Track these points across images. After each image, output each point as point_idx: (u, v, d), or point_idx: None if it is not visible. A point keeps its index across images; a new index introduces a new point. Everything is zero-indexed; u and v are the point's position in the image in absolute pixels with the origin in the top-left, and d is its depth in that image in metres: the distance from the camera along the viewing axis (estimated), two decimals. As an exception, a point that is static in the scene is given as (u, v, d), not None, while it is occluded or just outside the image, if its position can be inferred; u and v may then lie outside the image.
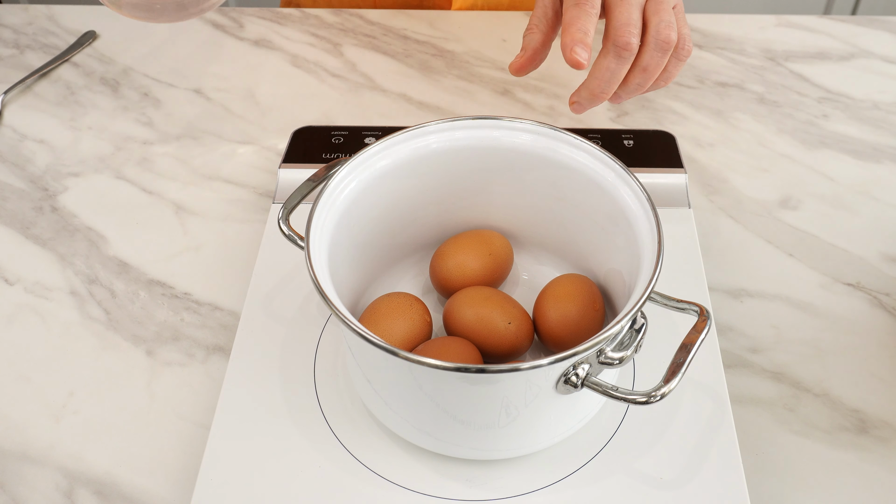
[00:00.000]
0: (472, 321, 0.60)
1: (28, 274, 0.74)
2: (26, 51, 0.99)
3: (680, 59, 0.61)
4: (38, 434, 0.63)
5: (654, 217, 0.56)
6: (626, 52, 0.57)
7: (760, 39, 1.00)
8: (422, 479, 0.57)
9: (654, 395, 0.50)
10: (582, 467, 0.58)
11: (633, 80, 0.60)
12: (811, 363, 0.67)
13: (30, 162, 0.85)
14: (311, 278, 0.52)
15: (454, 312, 0.61)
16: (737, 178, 0.83)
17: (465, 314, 0.60)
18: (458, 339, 0.60)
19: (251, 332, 0.66)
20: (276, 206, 0.76)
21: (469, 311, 0.60)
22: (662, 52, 0.59)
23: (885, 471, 0.60)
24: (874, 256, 0.75)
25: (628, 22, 0.58)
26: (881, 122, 0.89)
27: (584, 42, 0.56)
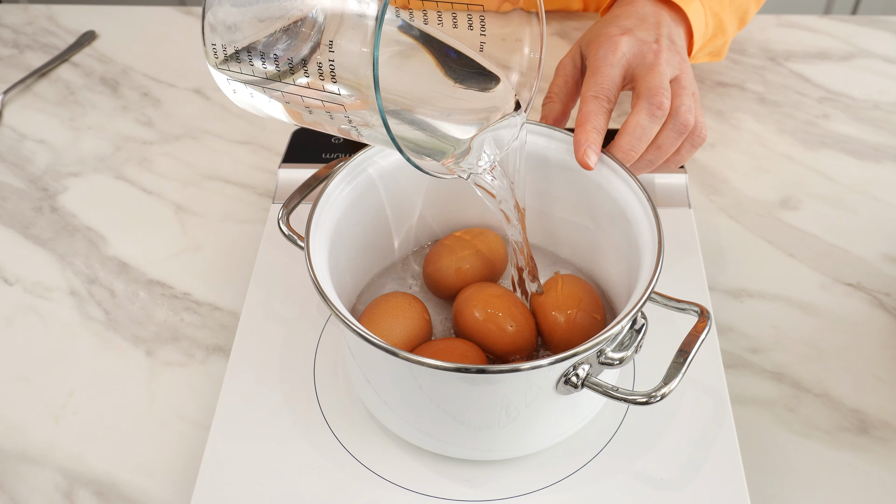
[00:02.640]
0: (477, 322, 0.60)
1: (28, 274, 0.74)
2: (26, 51, 0.99)
3: (694, 144, 0.62)
4: (38, 434, 0.63)
5: (654, 217, 0.56)
6: (659, 111, 0.59)
7: (760, 39, 1.00)
8: (422, 480, 0.57)
9: (655, 395, 0.50)
10: (582, 468, 0.58)
11: (645, 155, 0.61)
12: (811, 363, 0.67)
13: (29, 162, 0.85)
14: (311, 278, 0.52)
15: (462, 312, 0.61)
16: (737, 178, 0.83)
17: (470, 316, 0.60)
18: (460, 341, 0.59)
19: (251, 333, 0.66)
20: (276, 206, 0.76)
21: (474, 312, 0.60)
22: (678, 134, 0.60)
23: (885, 471, 0.60)
24: (874, 256, 0.75)
25: (661, 85, 0.60)
26: (881, 122, 0.89)
27: (597, 144, 0.59)
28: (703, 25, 0.71)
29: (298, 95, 0.51)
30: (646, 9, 0.67)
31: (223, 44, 0.52)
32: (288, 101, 0.52)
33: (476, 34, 0.58)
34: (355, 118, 0.50)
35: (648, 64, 0.61)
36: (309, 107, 0.51)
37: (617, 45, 0.62)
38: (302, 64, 0.49)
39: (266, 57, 0.51)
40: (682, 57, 0.64)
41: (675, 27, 0.67)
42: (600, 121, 0.59)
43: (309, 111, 0.52)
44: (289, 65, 0.50)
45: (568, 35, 0.99)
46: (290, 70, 0.50)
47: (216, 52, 0.53)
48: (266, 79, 0.52)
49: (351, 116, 0.50)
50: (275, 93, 0.52)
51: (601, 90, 0.60)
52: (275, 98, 0.53)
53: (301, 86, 0.50)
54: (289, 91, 0.51)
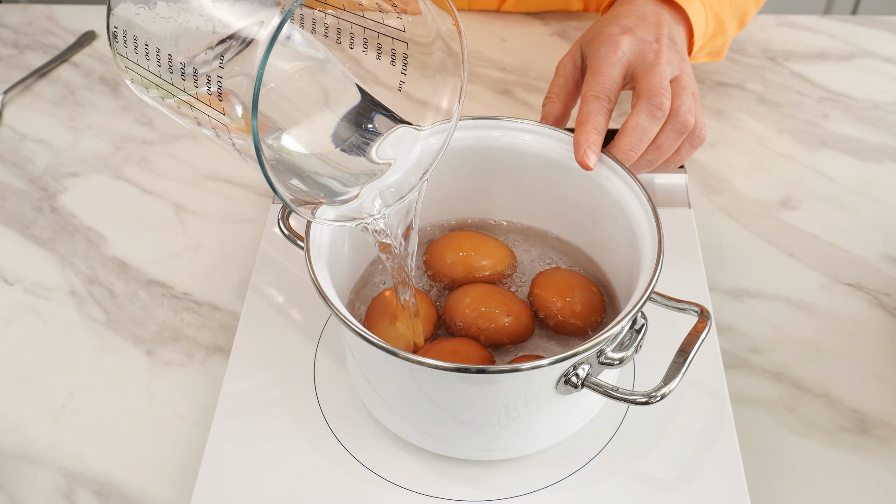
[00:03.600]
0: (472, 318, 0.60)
1: (28, 274, 0.74)
2: (26, 51, 0.99)
3: (693, 144, 0.62)
4: (38, 434, 0.63)
5: (654, 217, 0.56)
6: (659, 112, 0.59)
7: (760, 39, 1.00)
8: (422, 480, 0.57)
9: (655, 395, 0.50)
10: (582, 468, 0.57)
11: (645, 155, 0.61)
12: (811, 363, 0.67)
13: (29, 162, 0.85)
14: (311, 278, 0.52)
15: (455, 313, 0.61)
16: (737, 178, 0.83)
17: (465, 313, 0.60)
18: (463, 340, 0.59)
19: (251, 332, 0.66)
20: (276, 206, 0.76)
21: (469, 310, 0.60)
22: (678, 135, 0.60)
23: (886, 471, 0.60)
24: (874, 256, 0.75)
25: (662, 86, 0.60)
26: (881, 122, 0.89)
27: (596, 144, 0.59)
28: (704, 25, 0.71)
29: (186, 104, 0.49)
30: (646, 8, 0.67)
31: (124, 30, 0.50)
32: (178, 106, 0.50)
33: (397, 70, 0.56)
34: (239, 142, 0.47)
35: (649, 63, 0.61)
36: (196, 119, 0.49)
37: (618, 44, 0.62)
38: (192, 74, 0.47)
39: (156, 54, 0.49)
40: (682, 56, 0.64)
41: (676, 26, 0.67)
42: (600, 121, 0.59)
43: (196, 122, 0.50)
44: (181, 70, 0.48)
45: (568, 35, 0.99)
46: (182, 76, 0.48)
47: (116, 36, 0.51)
48: (151, 73, 0.50)
49: (234, 140, 0.48)
50: (162, 92, 0.51)
51: (602, 90, 0.60)
52: (160, 98, 0.51)
53: (189, 95, 0.48)
54: (177, 97, 0.49)
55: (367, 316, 0.61)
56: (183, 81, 0.48)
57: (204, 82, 0.47)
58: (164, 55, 0.48)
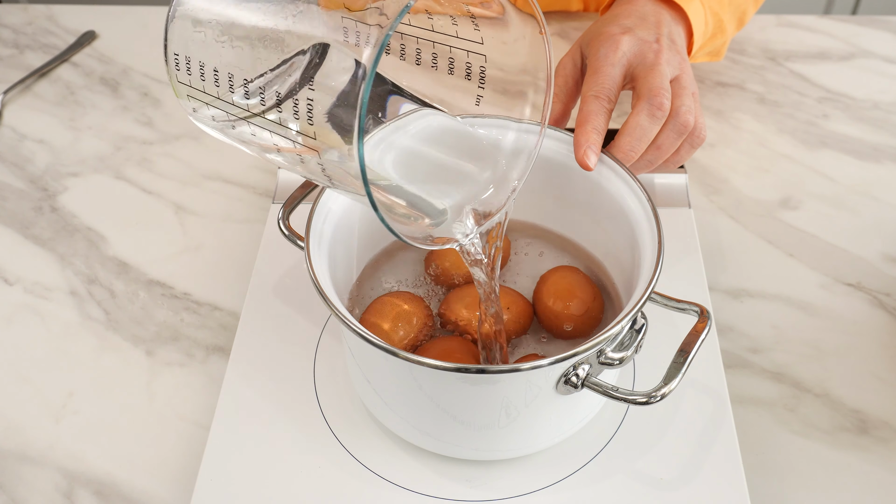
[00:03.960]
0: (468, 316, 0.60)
1: (28, 274, 0.74)
2: (26, 51, 0.99)
3: (693, 145, 0.62)
4: (38, 434, 0.63)
5: (654, 217, 0.56)
6: (659, 112, 0.59)
7: (760, 39, 1.00)
8: (422, 480, 0.57)
9: (655, 395, 0.50)
10: (582, 468, 0.57)
11: (645, 155, 0.61)
12: (811, 363, 0.67)
13: (29, 162, 0.85)
14: (311, 278, 0.52)
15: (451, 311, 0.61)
16: (737, 178, 0.83)
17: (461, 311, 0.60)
18: (460, 340, 0.59)
19: (251, 332, 0.66)
20: (276, 206, 0.76)
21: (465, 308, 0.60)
22: (678, 135, 0.60)
23: (886, 471, 0.60)
24: (874, 256, 0.75)
25: (662, 86, 0.60)
26: (881, 122, 0.89)
27: (596, 144, 0.58)
28: (703, 25, 0.71)
29: (267, 131, 0.47)
30: (646, 8, 0.67)
31: (186, 55, 0.48)
32: (253, 133, 0.48)
33: (475, 84, 0.55)
34: (334, 170, 0.45)
35: (649, 64, 0.61)
36: (277, 146, 0.47)
37: (617, 44, 0.62)
38: (276, 99, 0.45)
39: (228, 79, 0.46)
40: (682, 56, 0.64)
41: (675, 26, 0.67)
42: (600, 121, 0.59)
43: (277, 150, 0.48)
44: (260, 96, 0.46)
45: (568, 35, 0.99)
46: (262, 102, 0.46)
47: (177, 63, 0.48)
48: (231, 104, 0.47)
49: (325, 165, 0.46)
50: (239, 123, 0.48)
51: (602, 90, 0.60)
52: (236, 129, 0.49)
53: (271, 121, 0.46)
54: (256, 123, 0.47)
55: (367, 315, 0.61)
56: (262, 107, 0.46)
57: (290, 108, 0.45)
58: (239, 79, 0.46)
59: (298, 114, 0.45)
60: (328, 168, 0.45)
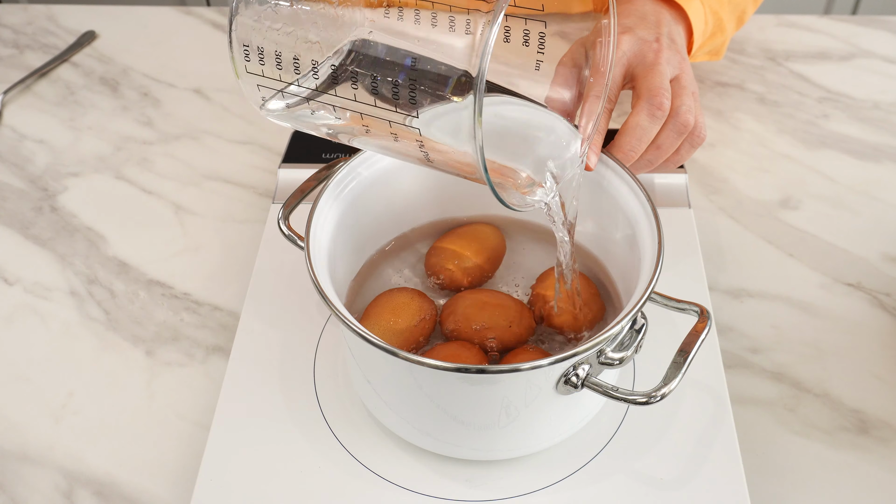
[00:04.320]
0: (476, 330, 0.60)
1: (28, 274, 0.74)
2: (26, 51, 0.99)
3: (693, 144, 0.62)
4: (38, 434, 0.63)
5: (654, 217, 0.56)
6: (659, 112, 0.59)
7: (760, 39, 1.00)
8: (422, 480, 0.57)
9: (655, 395, 0.50)
10: (582, 468, 0.57)
11: (645, 155, 0.61)
12: (811, 363, 0.67)
13: (29, 162, 0.85)
14: (311, 278, 0.52)
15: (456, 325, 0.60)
16: (737, 178, 0.83)
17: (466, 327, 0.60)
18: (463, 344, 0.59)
19: (251, 332, 0.66)
20: (276, 206, 0.76)
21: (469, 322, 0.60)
22: (678, 134, 0.60)
23: (885, 471, 0.60)
24: (874, 256, 0.75)
25: (662, 86, 0.60)
26: (881, 122, 0.89)
27: (597, 145, 0.59)
28: (703, 24, 0.71)
29: (358, 113, 0.46)
30: (646, 7, 0.67)
31: (258, 44, 0.46)
32: (338, 117, 0.47)
33: (533, 50, 0.55)
34: (431, 144, 0.45)
35: (649, 63, 0.61)
36: (367, 127, 0.47)
37: (617, 43, 0.62)
38: (371, 80, 0.45)
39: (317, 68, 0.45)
40: (682, 56, 0.64)
41: (675, 25, 0.67)
42: (601, 121, 0.59)
43: (366, 130, 0.47)
44: (352, 79, 0.45)
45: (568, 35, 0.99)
46: (353, 85, 0.45)
47: (247, 53, 0.47)
48: (316, 90, 0.46)
49: (424, 142, 0.45)
50: (324, 105, 0.47)
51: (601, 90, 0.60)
52: (316, 114, 0.48)
53: (364, 102, 0.45)
54: (343, 106, 0.46)
55: (367, 314, 0.61)
56: (353, 89, 0.45)
57: (389, 87, 0.44)
58: (323, 62, 0.46)
59: (399, 95, 0.44)
60: (428, 144, 0.45)
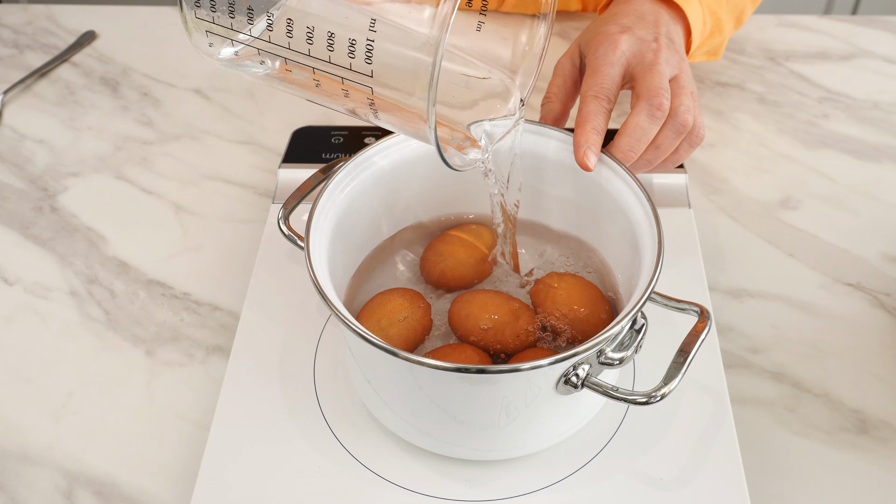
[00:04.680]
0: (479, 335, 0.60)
1: (28, 274, 0.74)
2: (26, 51, 0.99)
3: (692, 144, 0.62)
4: (38, 434, 0.63)
5: (654, 217, 0.56)
6: (658, 112, 0.59)
7: (760, 39, 1.00)
8: (422, 480, 0.57)
9: (655, 395, 0.50)
10: (582, 468, 0.57)
11: (644, 155, 0.61)
12: (811, 363, 0.67)
13: (29, 162, 0.85)
14: (311, 278, 0.52)
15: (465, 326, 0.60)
16: (737, 178, 0.83)
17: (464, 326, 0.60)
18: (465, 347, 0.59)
19: (251, 332, 0.66)
20: (276, 206, 0.76)
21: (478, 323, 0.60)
22: (677, 134, 0.60)
23: (885, 471, 0.60)
24: (874, 256, 0.75)
25: (661, 86, 0.60)
26: (881, 122, 0.89)
27: (596, 145, 0.59)
28: (702, 24, 0.71)
29: (309, 66, 0.47)
30: (644, 7, 0.67)
31: None
32: (289, 69, 0.48)
33: (476, 11, 0.56)
34: (381, 102, 0.47)
35: (648, 63, 0.61)
36: (318, 81, 0.48)
37: (616, 43, 0.62)
38: (327, 34, 0.45)
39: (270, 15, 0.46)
40: (680, 56, 0.64)
41: (674, 25, 0.67)
42: (600, 121, 0.59)
43: (316, 83, 0.48)
44: (307, 31, 0.45)
45: (567, 35, 0.99)
46: (309, 38, 0.46)
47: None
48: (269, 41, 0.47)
49: (376, 99, 0.47)
50: (274, 56, 0.48)
51: (601, 90, 0.60)
52: (271, 60, 0.49)
53: (318, 58, 0.46)
54: (295, 59, 0.47)
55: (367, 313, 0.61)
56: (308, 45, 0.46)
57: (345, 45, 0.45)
58: (279, 12, 0.46)
59: (355, 52, 0.45)
60: (379, 102, 0.46)
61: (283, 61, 0.48)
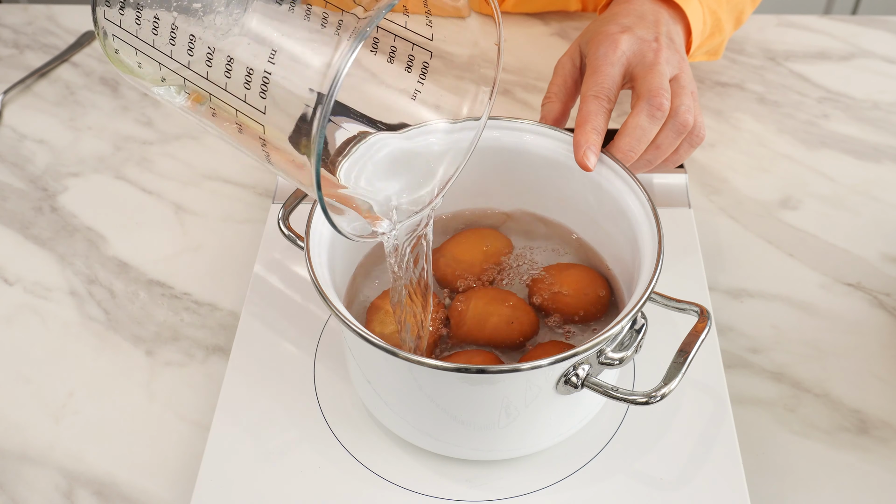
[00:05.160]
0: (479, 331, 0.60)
1: (28, 274, 0.74)
2: (26, 51, 0.99)
3: (692, 144, 0.62)
4: (38, 434, 0.63)
5: (654, 217, 0.56)
6: (659, 112, 0.59)
7: (760, 39, 1.00)
8: (422, 480, 0.57)
9: (655, 395, 0.50)
10: (582, 468, 0.58)
11: (644, 155, 0.61)
12: (811, 363, 0.67)
13: (29, 162, 0.85)
14: (311, 278, 0.52)
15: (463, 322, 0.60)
16: (737, 178, 0.83)
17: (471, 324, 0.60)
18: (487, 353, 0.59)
19: (251, 332, 0.66)
20: (276, 206, 0.76)
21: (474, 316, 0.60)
22: (677, 134, 0.60)
23: (885, 471, 0.60)
24: (874, 256, 0.75)
25: (661, 86, 0.60)
26: (881, 122, 0.89)
27: (596, 145, 0.59)
28: (702, 24, 0.71)
29: (205, 91, 0.45)
30: (644, 6, 0.67)
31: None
32: (187, 91, 0.46)
33: (414, 77, 0.54)
34: (274, 145, 0.44)
35: (648, 63, 0.61)
36: (214, 109, 0.45)
37: (617, 43, 0.62)
38: (226, 59, 0.43)
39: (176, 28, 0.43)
40: (681, 56, 0.64)
41: (674, 25, 0.67)
42: (600, 121, 0.59)
43: (213, 113, 0.46)
44: (207, 51, 0.43)
45: (567, 35, 0.99)
46: (208, 57, 0.43)
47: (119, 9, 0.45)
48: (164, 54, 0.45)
49: (268, 142, 0.44)
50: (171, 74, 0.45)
51: (601, 90, 0.60)
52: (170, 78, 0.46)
53: (213, 82, 0.44)
54: (194, 82, 0.45)
55: (367, 315, 0.61)
56: (207, 67, 0.44)
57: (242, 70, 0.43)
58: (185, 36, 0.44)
59: (251, 84, 0.43)
60: (270, 144, 0.44)
61: (182, 80, 0.46)
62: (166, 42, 0.45)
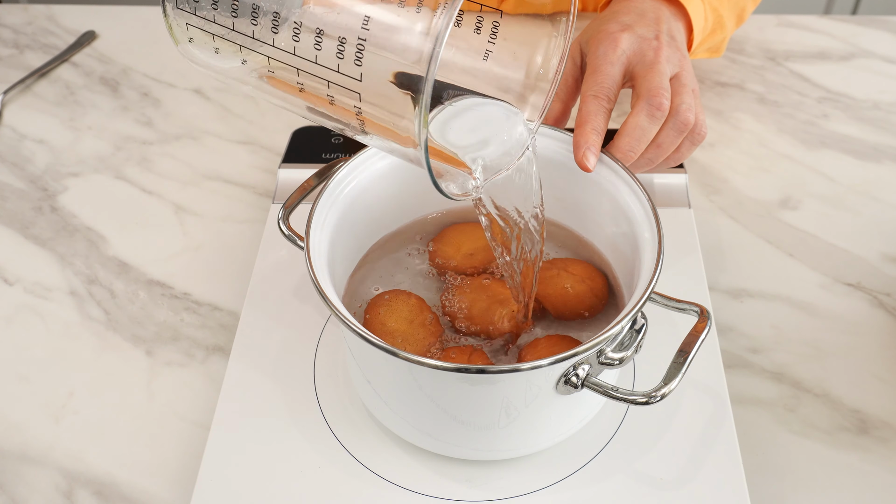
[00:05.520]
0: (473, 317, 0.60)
1: (28, 274, 0.74)
2: (26, 51, 0.99)
3: (693, 142, 0.62)
4: (38, 434, 0.63)
5: (654, 217, 0.56)
6: (658, 112, 0.59)
7: (760, 39, 1.00)
8: (422, 480, 0.57)
9: (655, 395, 0.50)
10: (582, 468, 0.58)
11: (645, 154, 0.61)
12: (811, 363, 0.67)
13: (29, 162, 0.85)
14: (311, 278, 0.52)
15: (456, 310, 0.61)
16: (737, 178, 0.83)
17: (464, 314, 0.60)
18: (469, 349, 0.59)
19: (251, 332, 0.66)
20: (276, 206, 0.76)
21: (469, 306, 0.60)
22: (678, 133, 0.60)
23: (885, 471, 0.60)
24: (874, 256, 0.75)
25: (661, 85, 0.60)
26: (881, 122, 0.89)
27: (596, 145, 0.58)
28: (703, 21, 0.71)
29: (294, 68, 0.45)
30: (645, 4, 0.67)
31: None
32: (272, 70, 0.46)
33: (484, 39, 0.55)
34: (370, 116, 0.45)
35: (649, 62, 0.61)
36: (302, 85, 0.46)
37: (617, 42, 0.62)
38: (316, 33, 0.43)
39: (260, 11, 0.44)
40: (682, 53, 0.64)
41: (675, 22, 0.67)
42: (600, 121, 0.59)
43: (300, 90, 0.47)
44: (294, 29, 0.44)
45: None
46: (294, 32, 0.44)
47: None
48: (251, 38, 0.45)
49: (363, 109, 0.45)
50: (258, 56, 0.46)
51: (601, 89, 0.60)
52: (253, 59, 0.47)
53: (303, 59, 0.44)
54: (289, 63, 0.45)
55: (366, 316, 0.61)
56: (294, 42, 0.44)
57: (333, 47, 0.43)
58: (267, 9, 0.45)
59: (344, 54, 0.43)
60: (367, 114, 0.45)
61: (265, 59, 0.47)
62: (247, 24, 0.46)
